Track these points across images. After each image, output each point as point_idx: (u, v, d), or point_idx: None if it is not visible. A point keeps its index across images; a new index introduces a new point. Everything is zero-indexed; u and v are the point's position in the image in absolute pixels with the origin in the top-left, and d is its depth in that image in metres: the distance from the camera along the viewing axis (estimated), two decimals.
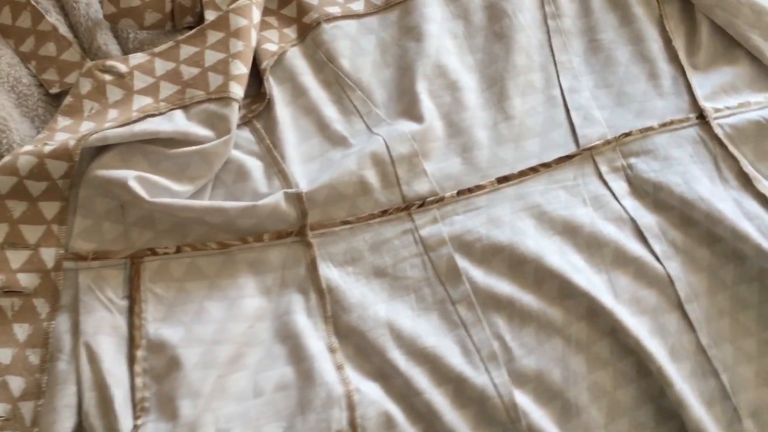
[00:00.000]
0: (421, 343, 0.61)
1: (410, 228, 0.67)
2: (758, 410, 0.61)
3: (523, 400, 0.59)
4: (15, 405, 0.57)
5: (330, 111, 0.72)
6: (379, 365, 0.61)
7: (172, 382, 0.58)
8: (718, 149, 0.70)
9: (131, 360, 0.59)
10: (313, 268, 0.64)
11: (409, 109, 0.71)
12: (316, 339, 0.61)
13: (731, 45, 0.75)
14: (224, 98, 0.67)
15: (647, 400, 0.61)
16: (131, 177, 0.61)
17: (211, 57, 0.69)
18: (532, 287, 0.64)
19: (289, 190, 0.65)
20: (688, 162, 0.69)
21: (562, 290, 0.63)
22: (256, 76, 0.72)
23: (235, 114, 0.67)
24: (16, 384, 0.57)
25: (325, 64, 0.73)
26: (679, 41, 0.76)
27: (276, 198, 0.64)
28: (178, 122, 0.65)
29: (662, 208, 0.68)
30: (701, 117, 0.71)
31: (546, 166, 0.70)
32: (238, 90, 0.68)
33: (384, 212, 0.67)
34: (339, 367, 0.60)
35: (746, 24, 0.74)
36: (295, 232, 0.65)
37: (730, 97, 0.73)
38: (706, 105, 0.71)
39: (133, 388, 0.58)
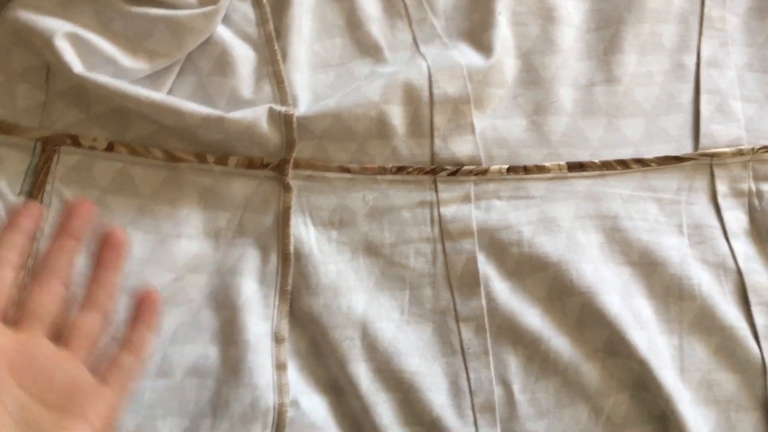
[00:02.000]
0: (397, 363, 0.44)
1: (430, 200, 0.48)
2: None
3: None
4: None
5: (370, 4, 0.51)
6: (336, 376, 0.45)
7: None
8: None
9: None
10: (284, 220, 0.46)
11: (477, 33, 0.50)
12: (260, 318, 0.44)
13: None
14: None
15: None
16: (61, 33, 0.43)
17: None
18: (571, 329, 0.46)
19: (277, 107, 0.46)
20: None
21: (610, 344, 0.45)
22: None
23: None
24: None
25: None
26: None
27: (255, 114, 0.45)
28: None
29: None
30: None
31: (642, 163, 0.49)
32: None
33: (401, 169, 0.48)
34: (280, 367, 0.43)
35: None
36: (273, 165, 0.47)
37: None
38: None
39: None
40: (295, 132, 0.46)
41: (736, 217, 0.48)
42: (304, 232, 0.46)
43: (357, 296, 0.46)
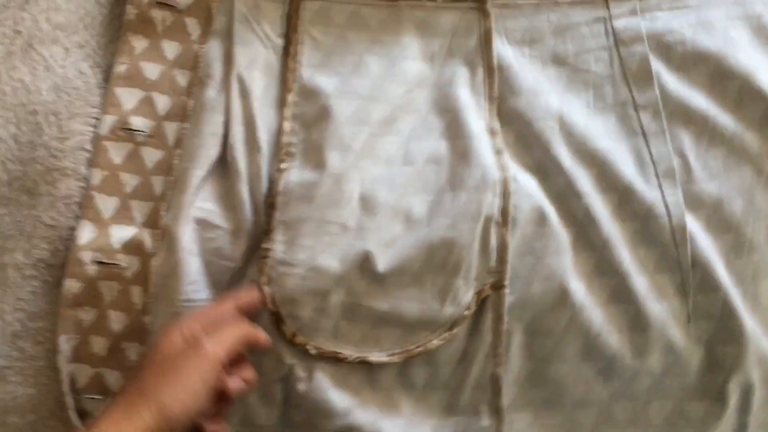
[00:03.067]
0: (591, 144, 0.55)
1: (604, 16, 0.58)
2: None
3: (694, 225, 0.53)
4: (159, 123, 0.54)
5: None
6: (541, 159, 0.55)
7: (322, 131, 0.54)
8: None
9: (282, 103, 0.55)
10: (486, 41, 0.57)
11: None
12: (476, 118, 0.55)
13: None
14: None
15: None
16: None
17: None
18: (732, 107, 0.55)
19: None
20: None
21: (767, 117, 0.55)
22: None
23: None
24: (162, 103, 0.55)
25: None
26: None
27: None
28: None
29: None
30: None
31: None
32: None
33: None
34: (498, 152, 0.54)
35: None
36: None
37: None
38: None
39: (280, 131, 0.54)
40: None
41: None
42: (503, 49, 0.57)
43: (551, 96, 0.56)
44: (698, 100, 0.55)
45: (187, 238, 0.51)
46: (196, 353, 0.43)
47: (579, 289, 0.53)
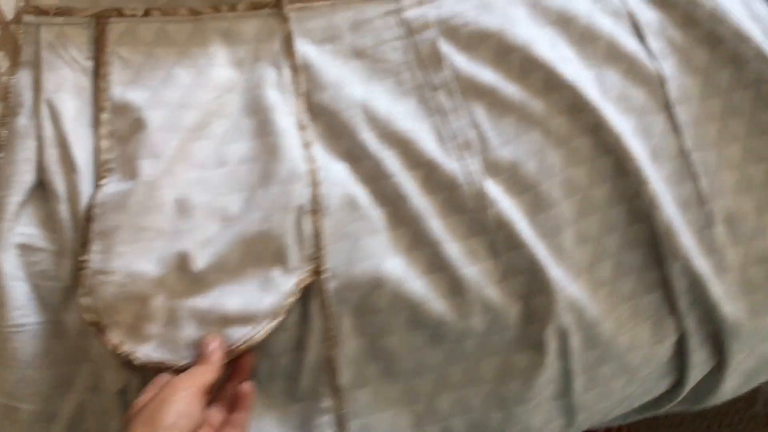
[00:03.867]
0: (394, 126, 0.59)
1: (394, 9, 0.62)
2: (733, 217, 0.60)
3: (494, 189, 0.58)
4: None
5: None
6: (350, 146, 0.59)
7: (135, 143, 0.56)
8: None
9: (96, 123, 0.57)
10: (288, 43, 0.61)
11: None
12: (285, 115, 0.59)
13: None
14: None
15: (621, 200, 0.60)
16: None
17: None
18: (516, 77, 0.61)
19: None
20: None
21: (548, 82, 0.60)
22: None
23: None
24: None
25: None
26: None
27: None
28: None
29: (666, 5, 0.63)
30: None
31: None
32: None
33: None
34: (306, 145, 0.58)
35: None
36: (272, 3, 0.61)
37: None
38: None
39: (98, 150, 0.57)
40: None
41: None
42: (305, 48, 0.61)
43: (355, 87, 0.60)
44: (486, 74, 0.61)
45: (9, 264, 0.53)
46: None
47: (398, 264, 0.56)
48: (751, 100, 0.61)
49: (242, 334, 0.53)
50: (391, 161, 0.59)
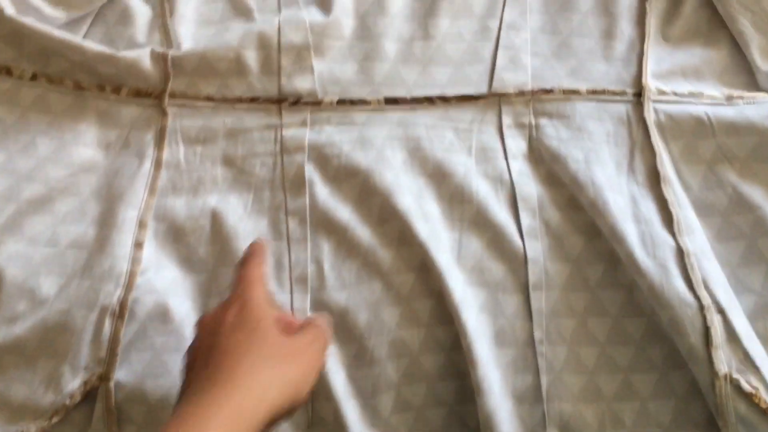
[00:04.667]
0: (235, 244, 0.58)
1: (275, 124, 0.61)
2: (569, 425, 0.55)
3: None
4: None
5: None
6: (187, 255, 0.58)
7: None
8: (641, 136, 0.60)
9: None
10: (160, 136, 0.60)
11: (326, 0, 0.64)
12: (131, 208, 0.58)
13: (716, 25, 0.63)
14: None
15: (453, 375, 0.56)
16: None
17: None
18: (373, 222, 0.58)
19: (157, 49, 0.60)
20: (601, 141, 0.60)
21: (403, 235, 0.58)
22: None
23: None
24: None
25: None
26: (659, 4, 0.64)
27: (139, 54, 0.60)
28: None
29: (552, 183, 0.60)
30: (639, 95, 0.61)
31: (444, 100, 0.62)
32: None
33: (253, 99, 0.62)
34: (137, 245, 0.57)
35: (740, 3, 0.61)
36: (155, 94, 0.61)
37: (686, 82, 0.62)
38: (652, 83, 0.61)
39: None
40: (171, 68, 0.60)
41: (517, 144, 0.61)
42: (175, 147, 0.60)
43: (211, 196, 0.59)
44: (344, 212, 0.59)
45: None
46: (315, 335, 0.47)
47: None
48: (619, 305, 0.57)
49: (17, 429, 0.52)
50: (224, 279, 0.57)
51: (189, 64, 0.61)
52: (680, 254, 0.55)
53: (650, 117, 0.60)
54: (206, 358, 0.44)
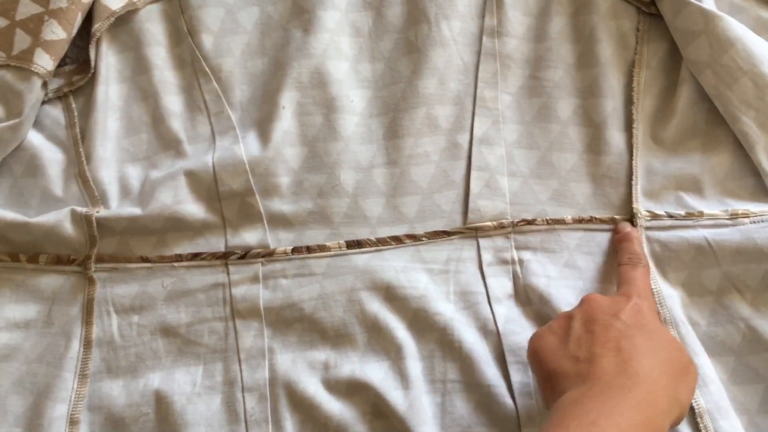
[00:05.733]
0: None
1: (223, 282, 0.53)
2: None
3: None
4: None
5: (173, 101, 0.56)
6: None
7: None
8: None
9: None
10: (88, 310, 0.52)
11: (265, 123, 0.55)
12: (59, 402, 0.50)
13: (715, 121, 0.56)
14: (23, 69, 0.52)
15: None
16: None
17: (26, 9, 0.53)
18: (343, 394, 0.51)
19: (79, 209, 0.52)
20: (593, 278, 0.53)
21: (376, 407, 0.50)
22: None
23: (34, 92, 0.53)
24: None
25: (185, 36, 0.57)
26: (648, 101, 0.57)
27: (58, 217, 0.51)
28: None
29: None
30: (630, 221, 0.54)
31: (414, 238, 0.54)
32: (44, 61, 0.53)
33: (196, 255, 0.53)
34: None
35: (741, 101, 0.54)
36: (79, 260, 0.53)
37: (685, 195, 0.54)
38: (642, 207, 0.54)
39: None
40: (96, 230, 0.52)
41: (501, 284, 0.54)
42: (107, 319, 0.52)
43: (154, 374, 0.51)
44: (309, 385, 0.51)
45: None
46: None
47: None
48: None
49: None
50: None
51: (118, 224, 0.52)
52: (692, 413, 0.49)
53: (645, 250, 0.53)
54: (605, 344, 0.42)
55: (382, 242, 0.54)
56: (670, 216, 0.54)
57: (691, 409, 0.49)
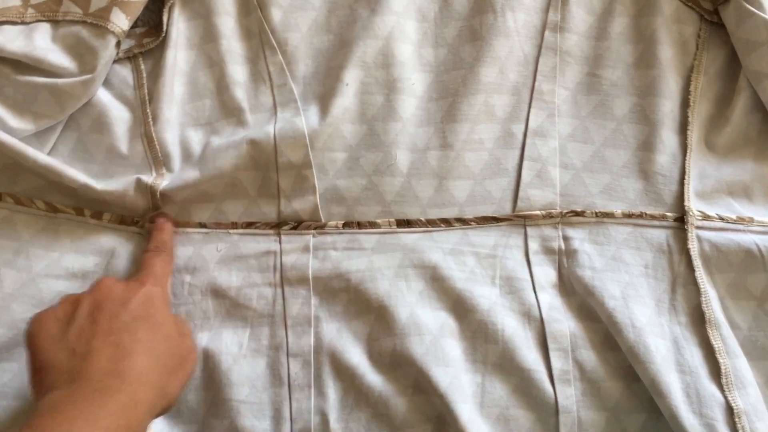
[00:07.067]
0: (228, 393, 0.51)
1: (275, 250, 0.55)
2: None
3: None
4: None
5: (237, 70, 0.58)
6: (179, 404, 0.52)
7: None
8: (683, 269, 0.54)
9: None
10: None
11: (326, 99, 0.56)
12: None
13: None
14: (100, 26, 0.54)
15: None
16: None
17: None
18: (385, 367, 0.52)
19: (144, 178, 0.53)
20: (639, 273, 0.54)
21: (418, 382, 0.52)
22: None
23: (108, 50, 0.54)
24: None
25: (254, 9, 0.58)
26: (703, 106, 0.57)
27: (125, 185, 0.53)
28: (36, 42, 0.53)
29: (585, 318, 0.54)
30: (681, 220, 0.55)
31: (463, 222, 0.55)
32: (121, 21, 0.54)
33: (250, 224, 0.55)
34: None
35: None
36: (141, 223, 0.54)
37: (734, 202, 0.55)
38: (694, 206, 0.55)
39: None
40: (160, 200, 0.53)
41: (545, 272, 0.55)
42: None
43: (202, 333, 0.53)
44: (352, 354, 0.52)
45: None
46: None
47: None
48: None
49: None
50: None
51: (179, 194, 0.54)
52: (730, 412, 0.49)
53: (694, 248, 0.53)
54: (107, 338, 0.41)
55: (431, 223, 0.55)
56: (721, 218, 0.54)
57: (730, 409, 0.49)
